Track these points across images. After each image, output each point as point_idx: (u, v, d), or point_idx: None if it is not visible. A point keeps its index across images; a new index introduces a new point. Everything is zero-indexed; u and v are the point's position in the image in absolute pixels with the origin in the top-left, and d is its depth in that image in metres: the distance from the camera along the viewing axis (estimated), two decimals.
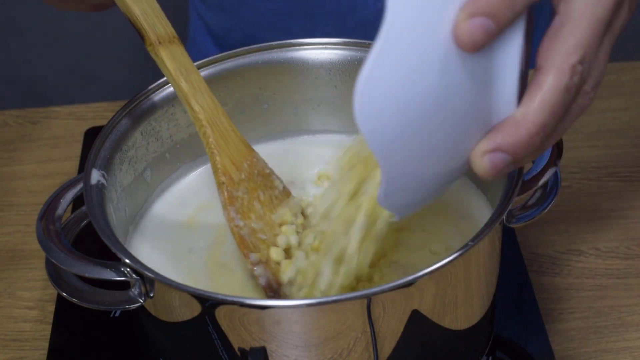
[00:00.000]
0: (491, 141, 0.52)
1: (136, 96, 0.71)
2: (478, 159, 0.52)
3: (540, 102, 0.51)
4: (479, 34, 0.48)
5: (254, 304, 0.58)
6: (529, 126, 0.51)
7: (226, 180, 0.66)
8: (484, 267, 0.64)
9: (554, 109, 0.51)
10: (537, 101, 0.51)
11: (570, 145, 0.90)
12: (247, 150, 0.68)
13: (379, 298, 0.58)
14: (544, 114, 0.51)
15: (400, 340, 0.61)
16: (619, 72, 0.99)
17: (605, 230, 0.82)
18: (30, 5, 1.90)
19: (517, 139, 0.51)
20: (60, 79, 1.94)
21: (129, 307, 0.63)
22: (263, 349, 0.60)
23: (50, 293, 0.80)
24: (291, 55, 0.76)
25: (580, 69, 0.51)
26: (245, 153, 0.68)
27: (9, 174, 0.92)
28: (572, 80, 0.51)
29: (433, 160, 0.53)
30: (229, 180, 0.66)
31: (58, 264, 0.62)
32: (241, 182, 0.67)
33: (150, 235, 0.72)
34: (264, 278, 0.64)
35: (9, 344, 0.77)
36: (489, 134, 0.52)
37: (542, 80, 0.51)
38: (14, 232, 0.86)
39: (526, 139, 0.51)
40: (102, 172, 0.67)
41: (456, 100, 0.50)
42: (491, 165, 0.52)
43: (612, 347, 0.73)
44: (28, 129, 0.98)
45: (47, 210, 0.65)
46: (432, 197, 0.58)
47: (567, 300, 0.77)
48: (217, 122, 0.67)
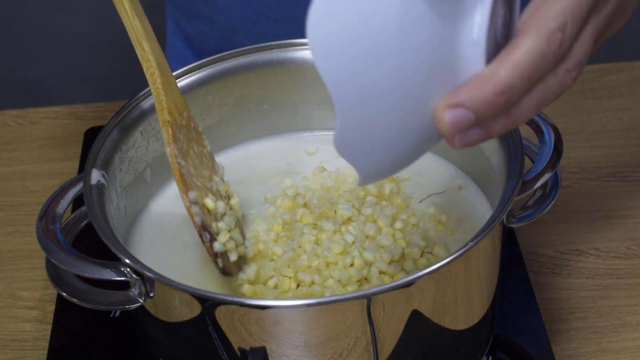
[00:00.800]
0: (453, 95, 0.50)
1: (136, 96, 0.71)
2: (439, 113, 0.50)
3: (512, 61, 0.49)
4: None
5: (254, 304, 0.58)
6: (495, 83, 0.49)
7: (170, 120, 0.66)
8: (484, 267, 0.64)
9: (525, 72, 0.50)
10: (509, 60, 0.49)
11: (570, 145, 0.90)
12: (185, 104, 0.69)
13: (379, 298, 0.58)
14: (513, 74, 0.49)
15: (400, 340, 0.61)
16: (619, 72, 0.99)
17: (605, 230, 0.82)
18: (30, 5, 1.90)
19: (480, 94, 0.49)
20: (60, 79, 1.94)
21: (129, 307, 0.63)
22: (263, 349, 0.60)
23: (50, 293, 0.80)
24: (291, 55, 0.76)
25: (560, 36, 0.50)
26: (184, 105, 0.69)
27: (9, 174, 0.92)
28: (550, 47, 0.50)
29: (393, 108, 0.50)
30: (173, 120, 0.67)
31: (58, 264, 0.62)
32: (182, 128, 0.68)
33: (149, 232, 0.72)
34: (199, 217, 0.65)
35: (9, 344, 0.77)
36: (454, 90, 0.50)
37: (518, 42, 0.50)
38: (14, 232, 0.86)
39: (490, 97, 0.49)
40: (102, 172, 0.67)
41: (419, 40, 0.49)
42: (452, 121, 0.50)
43: (612, 347, 0.73)
44: (28, 129, 0.98)
45: (47, 210, 0.65)
46: (399, 160, 0.55)
47: (567, 300, 0.77)
48: (164, 67, 0.67)
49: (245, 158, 0.78)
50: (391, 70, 0.49)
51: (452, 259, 0.58)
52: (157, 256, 0.70)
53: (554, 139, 0.68)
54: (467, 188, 0.73)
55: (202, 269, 0.69)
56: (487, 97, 0.49)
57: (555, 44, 0.50)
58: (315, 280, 0.65)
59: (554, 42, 0.50)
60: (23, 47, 1.95)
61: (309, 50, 0.49)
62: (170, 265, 0.69)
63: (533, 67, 0.50)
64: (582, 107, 0.95)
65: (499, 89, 0.49)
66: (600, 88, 0.97)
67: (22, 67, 1.95)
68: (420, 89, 0.50)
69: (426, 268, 0.58)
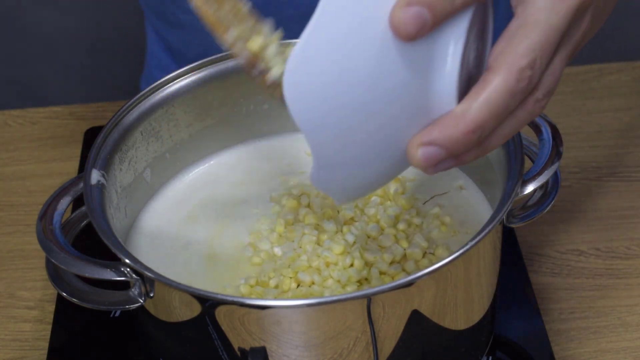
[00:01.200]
0: (426, 133, 0.51)
1: (136, 96, 0.71)
2: (412, 150, 0.51)
3: (483, 100, 0.50)
4: (413, 24, 0.48)
5: (254, 304, 0.58)
6: (467, 123, 0.50)
7: None
8: (484, 267, 0.64)
9: (495, 110, 0.50)
10: (480, 99, 0.50)
11: (570, 145, 0.90)
12: None
13: (379, 298, 0.58)
14: (483, 114, 0.50)
15: (400, 340, 0.61)
16: (619, 72, 0.99)
17: (605, 230, 0.82)
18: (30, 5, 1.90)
19: (452, 133, 0.50)
20: (60, 79, 1.94)
21: (129, 307, 0.63)
22: (263, 349, 0.60)
23: (50, 293, 0.80)
24: None
25: (529, 73, 0.50)
26: None
27: (9, 174, 0.92)
28: (519, 85, 0.50)
29: (368, 147, 0.52)
30: None
31: (58, 264, 0.62)
32: None
33: (149, 232, 0.72)
34: (245, 53, 0.59)
35: (9, 344, 0.77)
36: (427, 127, 0.51)
37: (489, 80, 0.50)
38: (14, 232, 0.86)
39: (461, 136, 0.50)
40: (102, 172, 0.67)
41: (392, 87, 0.50)
42: (424, 158, 0.51)
43: (612, 347, 0.73)
44: (28, 129, 0.97)
45: (47, 210, 0.65)
46: (373, 186, 0.57)
47: (567, 300, 0.77)
48: None
49: (246, 158, 0.78)
50: (365, 118, 0.51)
51: (452, 259, 0.58)
52: (157, 256, 0.70)
53: (554, 139, 0.68)
54: (468, 189, 0.73)
55: (203, 269, 0.69)
56: (459, 136, 0.50)
57: (524, 81, 0.50)
58: (315, 280, 0.65)
59: (524, 79, 0.50)
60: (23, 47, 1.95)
61: None
62: (170, 265, 0.69)
63: (503, 105, 0.50)
64: (582, 107, 0.95)
65: (471, 127, 0.50)
66: (600, 88, 0.97)
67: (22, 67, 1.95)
68: (394, 130, 0.52)
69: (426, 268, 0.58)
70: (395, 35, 0.49)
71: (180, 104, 0.73)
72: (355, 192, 0.57)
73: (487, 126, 0.50)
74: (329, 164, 0.53)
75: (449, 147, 0.51)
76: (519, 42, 0.51)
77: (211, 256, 0.70)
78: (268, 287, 0.66)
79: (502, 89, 0.50)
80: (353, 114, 0.50)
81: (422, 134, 0.51)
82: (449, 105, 0.51)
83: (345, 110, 0.50)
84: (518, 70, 0.50)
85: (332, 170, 0.53)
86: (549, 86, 0.52)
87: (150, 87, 0.72)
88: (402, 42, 0.49)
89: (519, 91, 0.50)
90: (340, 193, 0.57)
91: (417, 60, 0.50)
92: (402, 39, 0.49)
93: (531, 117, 0.53)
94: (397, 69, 0.50)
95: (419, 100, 0.51)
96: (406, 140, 0.52)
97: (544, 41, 0.51)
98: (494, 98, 0.50)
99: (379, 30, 0.49)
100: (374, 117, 0.51)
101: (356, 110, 0.50)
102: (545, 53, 0.51)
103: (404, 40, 0.49)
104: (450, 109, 0.51)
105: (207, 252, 0.70)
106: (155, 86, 0.72)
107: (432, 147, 0.51)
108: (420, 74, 0.50)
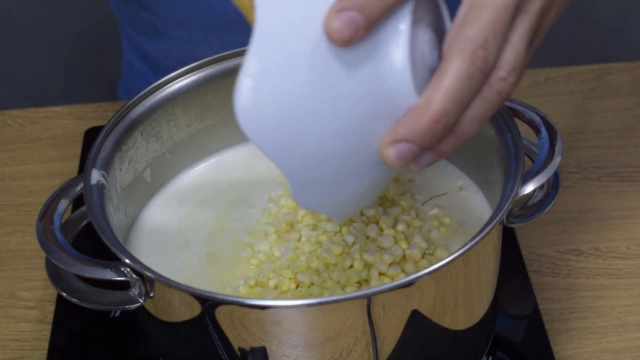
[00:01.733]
0: (393, 132, 0.51)
1: (136, 96, 0.71)
2: (384, 151, 0.52)
3: (441, 89, 0.50)
4: (347, 28, 0.48)
5: (254, 304, 0.58)
6: (430, 114, 0.50)
7: None
8: (484, 267, 0.64)
9: (456, 96, 0.50)
10: (438, 88, 0.50)
11: (570, 145, 0.90)
12: None
13: (379, 298, 0.58)
14: (444, 101, 0.50)
15: (400, 340, 0.61)
16: (619, 72, 0.99)
17: (605, 230, 0.82)
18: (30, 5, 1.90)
19: (418, 127, 0.51)
20: (60, 79, 1.94)
21: (129, 307, 0.63)
22: (263, 349, 0.60)
23: (50, 293, 0.80)
24: None
25: (483, 54, 0.50)
26: None
27: (9, 174, 0.92)
28: (475, 66, 0.50)
29: (341, 160, 0.52)
30: None
31: (58, 264, 0.62)
32: None
33: (149, 232, 0.72)
34: None
35: (9, 344, 0.77)
36: (393, 127, 0.52)
37: (444, 68, 0.50)
38: (14, 232, 0.86)
39: (427, 127, 0.50)
40: (102, 172, 0.67)
41: (348, 94, 0.50)
42: (397, 156, 0.51)
43: (612, 347, 0.73)
44: (28, 129, 0.98)
45: (47, 210, 0.65)
46: (365, 197, 0.57)
47: (567, 300, 0.77)
48: None
49: (245, 158, 0.78)
50: (329, 132, 0.51)
51: (452, 258, 0.58)
52: (157, 256, 0.70)
53: (553, 139, 0.68)
54: (468, 189, 0.73)
55: (203, 269, 0.69)
56: (425, 128, 0.51)
57: (479, 62, 0.50)
58: (314, 281, 0.65)
59: (478, 60, 0.50)
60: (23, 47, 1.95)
61: None
62: (170, 266, 0.69)
63: (463, 89, 0.51)
64: (582, 107, 0.95)
65: (434, 117, 0.50)
66: (600, 88, 0.97)
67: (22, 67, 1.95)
68: (364, 136, 0.52)
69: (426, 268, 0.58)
70: (333, 43, 0.49)
71: (180, 104, 0.73)
72: (348, 207, 0.57)
73: (451, 113, 0.51)
74: (304, 184, 0.53)
75: (418, 141, 0.51)
76: (469, 26, 0.51)
77: (211, 255, 0.70)
78: (267, 288, 0.66)
79: (458, 74, 0.50)
80: (314, 131, 0.50)
81: (389, 134, 0.51)
82: (410, 101, 0.51)
83: (305, 128, 0.50)
84: (471, 53, 0.50)
85: (310, 189, 0.53)
86: (512, 63, 0.52)
87: (150, 87, 0.72)
88: (343, 48, 0.49)
89: (476, 73, 0.50)
90: (332, 210, 0.57)
91: (365, 63, 0.50)
92: (340, 46, 0.49)
93: (500, 96, 0.52)
94: (347, 75, 0.50)
95: (380, 101, 0.51)
96: (377, 143, 0.52)
97: (494, 20, 0.51)
98: (452, 84, 0.50)
99: (319, 43, 0.49)
100: (338, 130, 0.51)
101: (316, 126, 0.50)
102: (497, 31, 0.51)
103: (343, 46, 0.49)
104: (412, 103, 0.51)
105: (206, 252, 0.70)
106: (155, 86, 0.72)
107: (402, 144, 0.51)
108: (373, 76, 0.50)
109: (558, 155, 0.66)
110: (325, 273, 0.65)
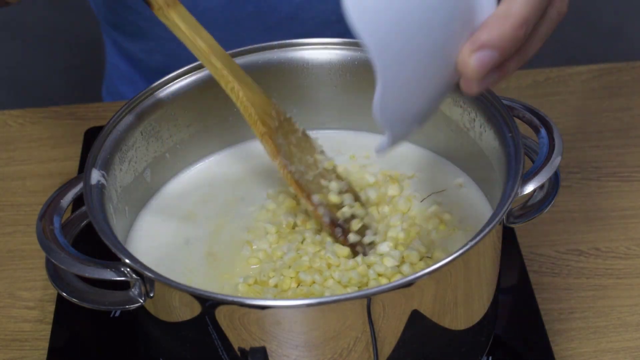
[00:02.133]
0: (477, 39, 0.53)
1: (136, 96, 0.71)
2: (465, 58, 0.53)
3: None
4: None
5: (254, 304, 0.58)
6: (513, 19, 0.52)
7: (267, 130, 0.65)
8: (484, 267, 0.64)
9: (535, 3, 0.53)
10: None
11: (570, 146, 0.90)
12: (269, 99, 0.68)
13: (379, 298, 0.58)
14: (526, 8, 0.52)
15: (400, 340, 0.61)
16: (619, 72, 0.99)
17: (605, 230, 0.82)
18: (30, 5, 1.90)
19: (501, 32, 0.52)
20: (60, 79, 1.94)
21: (129, 307, 0.63)
22: (263, 349, 0.60)
23: (50, 293, 0.80)
24: (291, 55, 0.76)
25: None
26: (269, 101, 0.67)
27: (9, 174, 0.92)
28: None
29: (425, 65, 0.53)
30: (269, 129, 0.65)
31: (58, 264, 0.62)
32: (277, 130, 0.66)
33: (148, 232, 0.72)
34: (327, 216, 0.66)
35: (9, 344, 0.77)
36: (474, 34, 0.53)
37: None
38: (14, 232, 0.86)
39: (510, 32, 0.52)
40: (102, 172, 0.67)
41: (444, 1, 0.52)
42: (478, 63, 0.53)
43: (612, 347, 0.73)
44: (28, 129, 0.98)
45: (47, 210, 0.65)
46: (424, 115, 0.58)
47: (567, 300, 0.77)
48: (239, 75, 0.66)
49: (246, 157, 0.78)
50: (424, 30, 0.52)
51: (452, 259, 0.58)
52: (157, 256, 0.70)
53: (553, 139, 0.68)
54: (467, 186, 0.73)
55: (202, 267, 0.69)
56: (508, 33, 0.52)
57: None
58: (316, 279, 0.65)
59: None
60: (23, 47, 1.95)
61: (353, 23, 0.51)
62: (170, 266, 0.69)
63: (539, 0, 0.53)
64: (582, 107, 0.95)
65: (518, 22, 0.52)
66: (600, 88, 0.97)
67: (22, 67, 1.95)
68: (447, 42, 0.53)
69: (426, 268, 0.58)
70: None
71: (180, 104, 0.73)
72: (410, 123, 0.57)
73: (531, 19, 0.53)
74: (392, 85, 0.53)
75: (500, 46, 0.52)
76: None
77: (210, 255, 0.70)
78: (267, 287, 0.66)
79: None
80: (413, 28, 0.51)
81: (471, 41, 0.53)
82: (490, 10, 0.53)
83: (406, 24, 0.51)
84: None
85: (394, 92, 0.53)
86: None
87: (150, 87, 0.72)
88: None
89: None
90: (398, 124, 0.56)
91: None
92: None
93: (559, 16, 0.55)
94: None
95: (464, 9, 0.53)
96: (454, 54, 0.53)
97: None
98: None
99: None
100: (432, 30, 0.52)
101: (416, 23, 0.51)
102: None
103: None
104: (491, 13, 0.53)
105: (206, 251, 0.70)
106: (155, 86, 0.72)
107: (485, 51, 0.52)
108: None
109: (558, 155, 0.66)
110: (327, 272, 0.65)
